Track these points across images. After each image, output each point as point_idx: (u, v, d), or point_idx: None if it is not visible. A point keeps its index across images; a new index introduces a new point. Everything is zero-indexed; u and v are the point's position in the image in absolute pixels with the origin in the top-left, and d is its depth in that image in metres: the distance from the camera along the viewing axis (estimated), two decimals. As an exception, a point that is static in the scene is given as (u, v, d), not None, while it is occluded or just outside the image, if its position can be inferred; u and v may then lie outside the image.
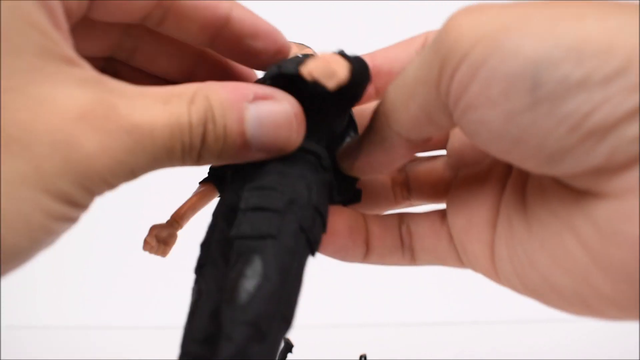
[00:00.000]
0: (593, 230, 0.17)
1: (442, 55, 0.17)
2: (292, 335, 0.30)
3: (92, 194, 0.19)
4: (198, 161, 0.20)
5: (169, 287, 0.67)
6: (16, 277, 0.69)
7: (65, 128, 0.17)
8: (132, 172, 0.19)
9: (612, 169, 0.15)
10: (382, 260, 0.26)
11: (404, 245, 0.26)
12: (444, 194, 0.27)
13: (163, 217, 0.24)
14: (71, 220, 0.19)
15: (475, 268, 0.24)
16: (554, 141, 0.16)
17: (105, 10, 0.21)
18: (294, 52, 0.25)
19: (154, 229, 0.24)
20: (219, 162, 0.20)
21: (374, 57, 0.26)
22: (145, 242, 0.24)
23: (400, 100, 0.20)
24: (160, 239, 0.24)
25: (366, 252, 0.25)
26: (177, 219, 0.24)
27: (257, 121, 0.20)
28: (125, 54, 0.25)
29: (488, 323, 0.64)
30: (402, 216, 0.26)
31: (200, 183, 0.25)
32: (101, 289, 0.67)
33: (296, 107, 0.21)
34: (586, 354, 0.51)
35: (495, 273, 0.23)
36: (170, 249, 0.24)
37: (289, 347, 0.35)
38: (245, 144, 0.20)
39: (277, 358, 0.30)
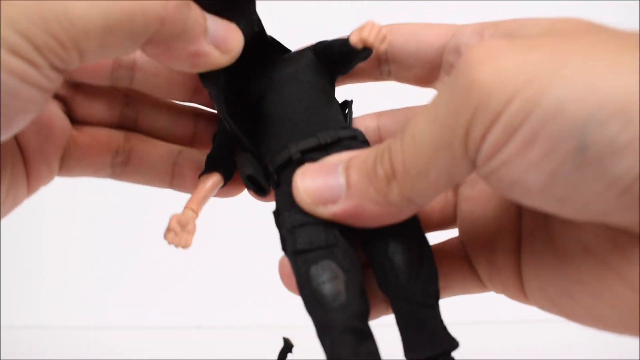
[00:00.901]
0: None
1: (467, 115, 0.16)
2: (292, 335, 0.30)
3: (45, 57, 0.17)
4: (164, 21, 0.19)
5: (169, 287, 0.67)
6: (16, 277, 0.69)
7: None
8: (70, 20, 0.17)
9: None
10: None
11: None
12: (452, 218, 0.26)
13: (162, 217, 0.24)
14: (37, 85, 0.18)
15: (503, 293, 0.23)
16: (601, 203, 0.15)
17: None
18: None
19: (174, 218, 0.23)
20: (181, 38, 0.20)
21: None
22: (169, 229, 0.23)
23: (415, 168, 0.18)
24: (183, 228, 0.23)
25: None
26: (194, 208, 0.24)
27: (211, 17, 0.21)
28: (130, 122, 0.28)
29: (488, 323, 0.64)
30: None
31: (200, 176, 0.26)
32: (101, 289, 0.67)
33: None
34: (586, 354, 0.51)
35: (525, 298, 0.22)
36: (192, 238, 0.23)
37: (289, 347, 0.35)
38: (205, 27, 0.21)
39: (277, 358, 0.30)
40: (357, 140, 0.23)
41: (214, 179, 0.25)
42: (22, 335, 0.63)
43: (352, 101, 0.27)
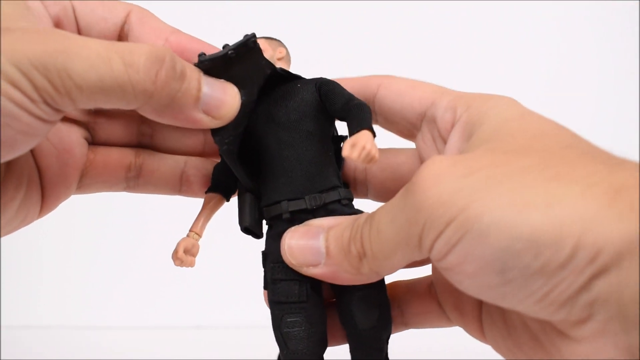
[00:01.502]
0: None
1: (418, 228, 0.20)
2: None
3: (32, 84, 0.20)
4: (152, 95, 0.22)
5: (169, 287, 0.67)
6: (16, 277, 0.69)
7: (12, 27, 0.20)
8: (68, 74, 0.20)
9: (572, 322, 0.19)
10: None
11: (396, 325, 0.29)
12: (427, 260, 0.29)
13: (163, 217, 0.24)
14: (34, 114, 0.20)
15: (467, 332, 0.27)
16: (522, 307, 0.19)
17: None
18: (268, 51, 0.29)
19: (181, 244, 0.27)
20: (170, 109, 0.23)
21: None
22: (177, 257, 0.27)
23: (381, 254, 0.22)
24: (187, 251, 0.27)
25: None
26: (197, 232, 0.28)
27: (210, 83, 0.24)
28: (147, 139, 0.31)
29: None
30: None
31: (206, 193, 0.29)
32: (101, 289, 0.67)
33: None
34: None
35: (486, 341, 0.26)
36: (195, 258, 0.28)
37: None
38: (197, 97, 0.24)
39: (276, 358, 0.30)
40: (340, 204, 0.27)
41: (215, 200, 0.29)
42: (22, 335, 0.63)
43: (346, 137, 0.28)
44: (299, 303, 0.26)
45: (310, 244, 0.24)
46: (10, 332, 0.62)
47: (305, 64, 0.30)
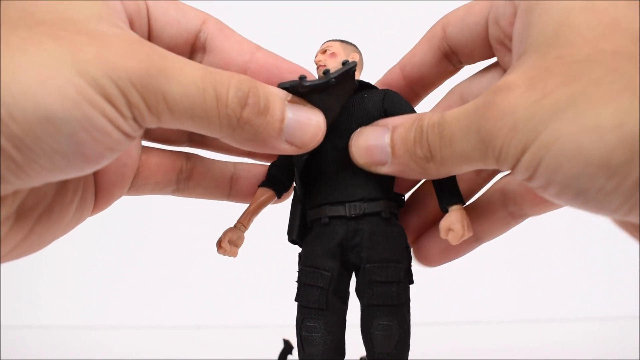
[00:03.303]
0: None
1: (496, 152, 0.20)
2: (291, 335, 0.30)
3: (127, 100, 0.20)
4: (236, 129, 0.22)
5: (169, 287, 0.67)
6: (16, 277, 0.69)
7: (105, 32, 0.20)
8: (164, 97, 0.20)
9: None
10: (492, 236, 0.30)
11: (516, 218, 0.29)
12: None
13: (163, 218, 0.24)
14: (122, 129, 0.20)
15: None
16: (614, 218, 0.20)
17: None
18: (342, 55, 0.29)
19: (227, 233, 0.28)
20: (254, 141, 0.23)
21: (403, 67, 0.29)
22: (221, 247, 0.27)
23: (452, 161, 0.22)
24: (232, 242, 0.28)
25: (475, 244, 0.30)
26: (244, 223, 0.28)
27: (296, 112, 0.24)
28: (198, 136, 0.31)
29: (488, 323, 0.64)
30: (505, 196, 0.29)
31: (259, 187, 0.30)
32: (101, 289, 0.67)
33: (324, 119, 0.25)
34: (586, 354, 0.51)
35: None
36: (238, 249, 0.28)
37: (289, 348, 0.35)
38: (280, 129, 0.23)
39: (277, 358, 0.30)
40: (379, 217, 0.27)
41: (267, 195, 0.29)
42: (22, 335, 0.63)
43: None
44: (318, 310, 0.27)
45: (376, 144, 0.25)
46: (10, 332, 0.62)
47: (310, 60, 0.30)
